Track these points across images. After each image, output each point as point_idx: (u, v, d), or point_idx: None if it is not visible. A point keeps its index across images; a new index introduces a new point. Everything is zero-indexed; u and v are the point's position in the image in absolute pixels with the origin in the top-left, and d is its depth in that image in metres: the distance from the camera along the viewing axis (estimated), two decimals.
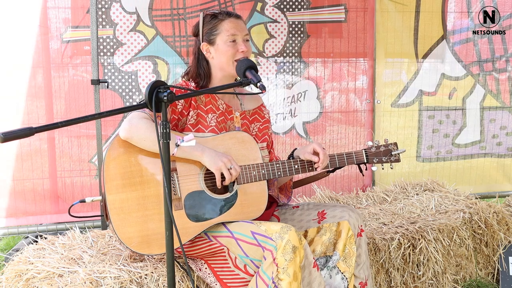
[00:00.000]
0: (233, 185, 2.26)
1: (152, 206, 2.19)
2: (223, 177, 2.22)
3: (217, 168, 2.17)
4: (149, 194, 2.19)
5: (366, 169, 2.46)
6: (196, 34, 2.39)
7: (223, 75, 2.36)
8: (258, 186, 2.31)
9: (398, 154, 2.44)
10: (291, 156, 2.44)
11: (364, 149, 2.42)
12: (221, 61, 2.33)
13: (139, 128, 2.14)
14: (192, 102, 2.32)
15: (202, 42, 2.35)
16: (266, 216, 2.42)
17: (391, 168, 2.50)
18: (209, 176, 2.26)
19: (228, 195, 2.27)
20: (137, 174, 2.19)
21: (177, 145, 1.96)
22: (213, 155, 2.17)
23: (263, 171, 2.28)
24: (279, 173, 2.30)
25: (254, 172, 2.27)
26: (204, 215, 2.23)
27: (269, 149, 2.56)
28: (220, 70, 2.36)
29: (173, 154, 2.07)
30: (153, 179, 2.21)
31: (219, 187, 2.23)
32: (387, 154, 2.42)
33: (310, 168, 2.35)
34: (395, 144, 2.45)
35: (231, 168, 2.17)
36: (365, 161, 2.40)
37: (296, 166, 2.33)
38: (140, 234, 2.17)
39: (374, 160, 2.42)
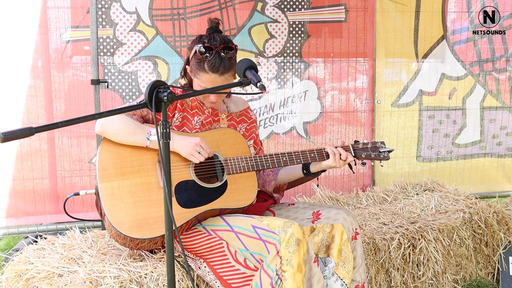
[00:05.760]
0: (223, 175, 2.33)
1: (142, 193, 2.24)
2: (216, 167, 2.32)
3: (189, 154, 2.26)
4: (139, 182, 2.25)
5: (355, 165, 2.45)
6: (190, 48, 2.40)
7: None
8: (248, 177, 2.38)
9: (387, 151, 2.44)
10: (307, 169, 2.48)
11: (351, 145, 2.44)
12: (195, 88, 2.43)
13: (112, 122, 2.25)
14: (178, 105, 2.40)
15: (189, 64, 2.40)
16: (260, 210, 2.44)
17: (381, 166, 2.55)
18: (199, 166, 2.32)
19: (218, 184, 2.33)
20: (128, 165, 2.27)
21: (148, 138, 2.23)
22: (181, 144, 2.26)
23: (251, 162, 2.35)
24: (267, 164, 2.35)
25: (243, 164, 2.34)
26: (195, 202, 2.27)
27: (257, 147, 2.62)
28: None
29: (146, 146, 2.25)
30: (144, 169, 2.27)
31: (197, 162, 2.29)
32: (375, 150, 2.43)
33: (299, 160, 2.37)
34: (383, 142, 2.47)
35: (200, 153, 2.25)
36: (353, 154, 2.40)
37: (284, 158, 2.36)
38: (131, 219, 2.20)
39: (362, 155, 2.41)
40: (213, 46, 2.30)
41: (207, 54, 2.29)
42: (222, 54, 2.30)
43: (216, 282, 2.27)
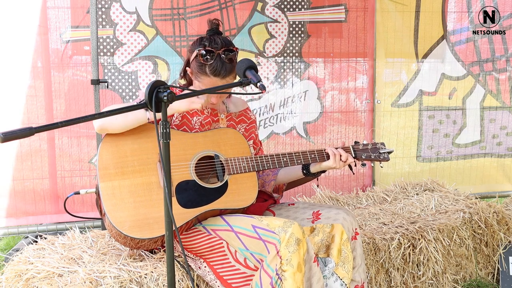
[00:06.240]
0: (224, 175, 2.33)
1: (143, 193, 2.24)
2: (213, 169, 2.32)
3: (189, 104, 2.23)
4: (140, 182, 2.25)
5: (355, 166, 2.46)
6: (191, 51, 2.40)
7: None
8: (249, 177, 2.37)
9: (387, 152, 2.45)
10: (307, 169, 2.48)
11: (352, 146, 2.45)
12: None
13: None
14: None
15: (189, 66, 2.40)
16: (260, 210, 2.45)
17: (381, 167, 2.52)
18: (200, 166, 2.33)
19: (218, 184, 2.32)
20: (129, 164, 2.26)
21: (146, 110, 2.16)
22: (178, 102, 2.21)
23: (252, 163, 2.35)
24: (268, 164, 2.36)
25: (244, 164, 2.34)
26: (195, 202, 2.26)
27: (257, 147, 2.63)
28: None
29: (148, 119, 2.21)
30: (144, 169, 2.27)
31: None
32: (375, 151, 2.44)
33: (299, 161, 2.38)
34: (383, 143, 2.48)
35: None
36: (353, 155, 2.41)
37: (284, 159, 2.37)
38: (132, 219, 2.19)
39: (362, 156, 2.42)
40: (214, 49, 2.30)
41: (208, 57, 2.29)
42: (223, 56, 2.30)
43: (216, 282, 2.27)
